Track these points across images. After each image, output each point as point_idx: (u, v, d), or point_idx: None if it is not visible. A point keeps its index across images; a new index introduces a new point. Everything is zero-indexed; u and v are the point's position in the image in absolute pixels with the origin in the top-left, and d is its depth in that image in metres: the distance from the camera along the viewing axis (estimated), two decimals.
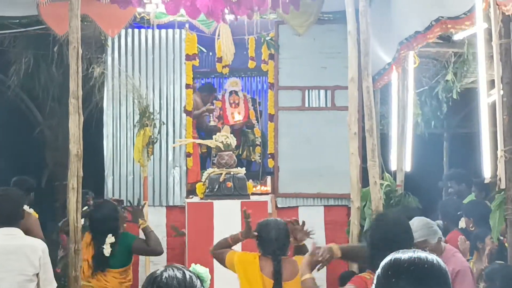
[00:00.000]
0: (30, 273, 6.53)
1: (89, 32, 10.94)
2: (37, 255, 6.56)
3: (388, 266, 2.70)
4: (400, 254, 2.72)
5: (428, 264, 2.66)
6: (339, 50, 10.99)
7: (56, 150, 14.29)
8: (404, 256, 2.69)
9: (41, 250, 6.60)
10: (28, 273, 6.53)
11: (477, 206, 9.10)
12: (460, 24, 7.51)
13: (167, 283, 3.18)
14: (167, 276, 3.21)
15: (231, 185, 9.42)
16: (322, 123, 11.87)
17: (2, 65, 13.67)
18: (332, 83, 11.87)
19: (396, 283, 2.62)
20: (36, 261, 6.55)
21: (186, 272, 3.26)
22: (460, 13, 7.41)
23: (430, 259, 2.68)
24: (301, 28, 11.66)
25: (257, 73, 13.09)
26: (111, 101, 12.01)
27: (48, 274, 6.65)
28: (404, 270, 2.65)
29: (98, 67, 11.82)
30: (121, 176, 11.97)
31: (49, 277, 6.66)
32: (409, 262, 2.66)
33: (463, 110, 13.05)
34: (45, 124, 14.95)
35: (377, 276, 2.73)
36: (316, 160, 11.73)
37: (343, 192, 10.73)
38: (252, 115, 12.93)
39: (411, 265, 2.65)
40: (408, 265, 2.65)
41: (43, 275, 6.59)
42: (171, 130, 12.05)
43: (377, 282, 2.71)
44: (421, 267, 2.64)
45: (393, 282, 2.63)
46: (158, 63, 12.13)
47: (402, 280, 2.62)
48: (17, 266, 6.50)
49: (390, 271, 2.67)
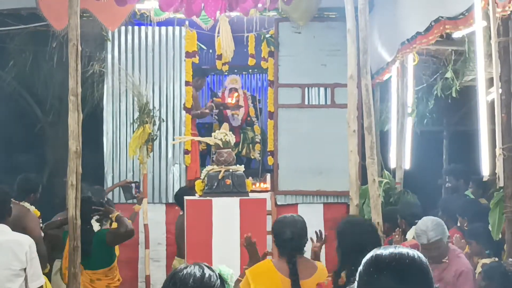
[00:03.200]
0: (16, 268, 6.55)
1: (88, 29, 10.93)
2: (23, 250, 6.58)
3: (370, 262, 2.71)
4: (381, 250, 2.73)
5: (409, 260, 2.67)
6: (339, 47, 11.00)
7: (56, 147, 14.28)
8: (385, 252, 2.70)
9: (28, 246, 6.62)
10: (14, 268, 6.54)
11: (471, 205, 9.12)
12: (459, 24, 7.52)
13: (183, 280, 3.21)
14: (185, 273, 3.25)
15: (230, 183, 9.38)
16: (322, 120, 11.89)
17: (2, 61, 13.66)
18: (331, 81, 11.88)
19: (377, 279, 2.63)
20: (22, 256, 6.56)
21: (206, 271, 3.28)
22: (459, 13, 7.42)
23: (411, 255, 2.68)
24: (302, 21, 11.66)
25: (257, 71, 13.13)
26: (110, 98, 12.04)
27: (35, 269, 6.66)
28: (385, 266, 2.65)
29: (97, 64, 11.86)
30: (120, 173, 11.99)
31: (36, 272, 6.68)
32: (390, 258, 2.67)
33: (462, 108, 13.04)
34: (46, 121, 14.94)
35: (359, 273, 2.73)
36: (315, 157, 11.74)
37: (342, 189, 10.76)
38: (252, 112, 12.94)
39: (392, 260, 2.66)
40: (389, 261, 2.66)
41: (30, 270, 6.61)
42: (171, 127, 12.08)
43: (359, 279, 2.72)
44: (402, 263, 2.65)
45: (375, 278, 2.64)
46: (158, 60, 12.15)
47: (383, 275, 2.63)
48: (3, 261, 6.52)
49: (371, 267, 2.68)
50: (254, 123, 12.96)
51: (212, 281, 3.26)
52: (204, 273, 3.27)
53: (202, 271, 3.27)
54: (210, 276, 3.27)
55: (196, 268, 3.28)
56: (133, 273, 11.69)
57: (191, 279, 3.22)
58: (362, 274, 2.71)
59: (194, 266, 3.31)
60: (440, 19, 7.88)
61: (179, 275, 3.26)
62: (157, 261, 11.87)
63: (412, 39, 8.82)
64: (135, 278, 11.70)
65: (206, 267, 3.33)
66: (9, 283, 6.52)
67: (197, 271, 3.26)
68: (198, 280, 3.22)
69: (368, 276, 2.67)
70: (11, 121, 14.76)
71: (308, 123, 11.95)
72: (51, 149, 14.75)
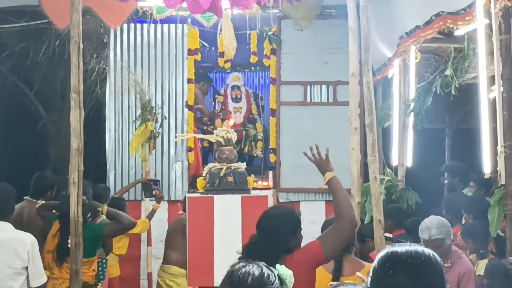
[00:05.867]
0: (18, 266, 6.56)
1: (91, 27, 10.96)
2: (25, 249, 6.58)
3: (386, 258, 2.72)
4: (397, 247, 2.74)
5: (425, 257, 2.68)
6: (341, 45, 10.98)
7: (58, 144, 14.32)
8: (401, 249, 2.72)
9: (30, 244, 6.63)
10: (16, 266, 6.55)
11: (476, 202, 9.13)
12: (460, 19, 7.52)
13: (241, 278, 3.20)
14: (243, 271, 3.23)
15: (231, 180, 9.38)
16: (324, 118, 11.90)
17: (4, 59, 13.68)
18: (334, 78, 11.89)
19: (393, 274, 2.65)
20: (24, 255, 6.57)
21: (265, 270, 3.26)
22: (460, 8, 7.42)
23: (426, 253, 2.71)
24: (304, 21, 11.68)
25: (259, 68, 13.12)
26: (113, 96, 12.05)
27: (37, 268, 6.68)
28: (401, 262, 2.67)
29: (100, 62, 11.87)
30: (123, 170, 12.00)
31: (38, 270, 6.69)
32: (406, 255, 2.69)
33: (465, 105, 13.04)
34: (48, 118, 14.98)
35: (373, 268, 2.75)
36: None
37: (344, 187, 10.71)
38: (254, 110, 12.96)
39: (408, 257, 2.68)
40: (405, 257, 2.68)
41: (32, 269, 6.62)
42: (173, 124, 12.08)
43: (374, 274, 2.73)
44: (418, 260, 2.67)
45: (390, 274, 2.66)
46: (160, 58, 12.15)
47: (399, 272, 2.65)
48: (5, 259, 6.53)
49: (387, 263, 2.70)
50: (256, 121, 12.96)
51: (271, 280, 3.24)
52: (262, 272, 3.25)
53: (260, 270, 3.25)
54: (269, 276, 3.26)
55: (255, 267, 3.26)
56: (135, 270, 11.71)
57: (249, 278, 3.20)
58: (376, 269, 2.72)
59: (252, 265, 3.29)
60: (441, 13, 7.88)
61: (237, 273, 3.24)
62: (159, 258, 11.82)
63: (411, 32, 8.84)
64: (137, 275, 11.72)
65: (265, 266, 3.31)
66: (11, 282, 6.53)
67: (255, 270, 3.24)
68: (256, 279, 3.20)
69: (383, 271, 2.69)
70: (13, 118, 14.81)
71: (310, 121, 11.96)
72: (53, 146, 14.78)
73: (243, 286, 3.19)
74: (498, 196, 6.98)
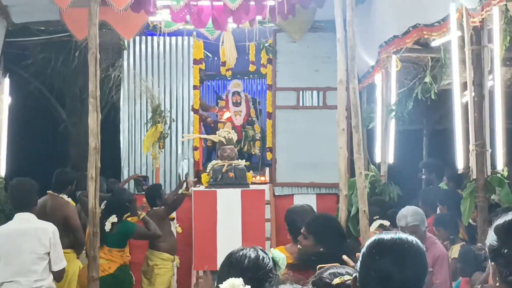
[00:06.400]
0: (41, 252, 6.58)
1: (107, 39, 10.94)
2: (47, 236, 6.60)
3: (373, 245, 2.70)
4: (383, 235, 2.73)
5: (409, 244, 2.67)
6: (330, 55, 10.92)
7: (78, 144, 14.27)
8: (387, 236, 2.70)
9: (51, 232, 6.65)
10: (39, 252, 6.58)
11: (450, 195, 9.18)
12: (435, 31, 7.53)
13: (239, 260, 3.22)
14: (241, 254, 3.25)
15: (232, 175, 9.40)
16: (315, 120, 11.87)
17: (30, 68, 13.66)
18: (323, 85, 11.87)
19: (379, 260, 2.63)
20: (46, 242, 6.59)
21: (260, 253, 3.27)
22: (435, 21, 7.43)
23: (410, 240, 2.69)
24: (297, 35, 11.66)
25: (257, 76, 13.10)
26: (126, 101, 12.04)
27: (58, 253, 6.69)
28: (387, 248, 2.65)
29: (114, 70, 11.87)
30: (135, 167, 11.99)
31: (59, 256, 6.70)
32: (391, 242, 2.67)
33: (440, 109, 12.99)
34: (69, 121, 14.95)
35: (362, 254, 2.73)
36: (309, 153, 11.74)
37: (333, 181, 10.72)
38: (253, 113, 12.94)
39: (393, 244, 2.66)
40: (390, 244, 2.66)
41: (54, 254, 6.64)
42: (180, 126, 12.07)
43: (362, 260, 2.71)
44: (402, 246, 2.65)
45: (376, 259, 2.64)
46: (169, 67, 12.15)
47: (385, 257, 2.63)
48: (30, 246, 6.56)
49: (374, 249, 2.68)
50: (254, 123, 12.94)
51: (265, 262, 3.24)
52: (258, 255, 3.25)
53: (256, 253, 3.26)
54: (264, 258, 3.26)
55: (251, 250, 3.27)
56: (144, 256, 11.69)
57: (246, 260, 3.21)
58: (365, 255, 2.70)
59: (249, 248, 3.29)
60: (418, 25, 7.89)
61: (235, 256, 3.25)
62: None
63: (390, 41, 8.84)
64: None
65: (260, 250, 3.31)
66: (35, 266, 6.55)
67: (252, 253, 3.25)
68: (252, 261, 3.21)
69: (371, 257, 2.67)
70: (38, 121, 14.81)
71: (302, 123, 11.94)
72: (73, 145, 14.75)
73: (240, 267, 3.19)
74: (470, 189, 6.98)
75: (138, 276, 11.02)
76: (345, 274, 3.23)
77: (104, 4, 8.43)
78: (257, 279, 3.16)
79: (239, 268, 3.19)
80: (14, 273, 6.53)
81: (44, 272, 6.60)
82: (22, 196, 6.73)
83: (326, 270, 3.34)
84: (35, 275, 6.55)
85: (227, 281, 3.08)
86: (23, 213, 6.67)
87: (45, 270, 6.60)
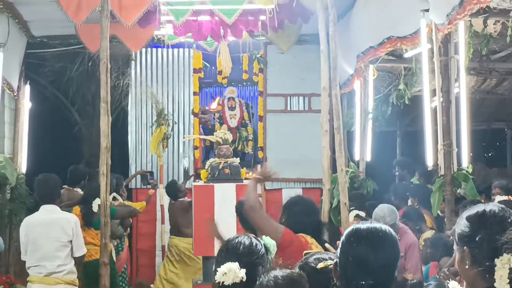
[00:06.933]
0: (64, 240, 6.59)
1: (117, 50, 10.95)
2: (70, 226, 6.61)
3: (351, 233, 2.71)
4: (360, 224, 2.74)
5: (382, 232, 2.67)
6: (314, 65, 10.85)
7: (90, 143, 14.27)
8: (363, 226, 2.71)
9: (74, 223, 6.67)
10: (63, 240, 6.59)
11: (420, 189, 9.19)
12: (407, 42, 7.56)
13: (235, 247, 3.21)
14: (236, 241, 3.24)
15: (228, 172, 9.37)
16: (301, 123, 11.88)
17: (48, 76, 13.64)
18: (309, 91, 11.87)
19: (357, 247, 2.64)
20: (69, 231, 6.60)
21: (253, 240, 3.27)
22: (407, 34, 7.45)
23: (383, 228, 2.70)
24: (285, 47, 11.66)
25: (250, 83, 13.06)
26: (134, 105, 12.04)
27: (79, 241, 6.70)
28: (363, 236, 2.66)
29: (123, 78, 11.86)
30: (142, 164, 11.99)
31: (80, 243, 6.72)
32: (367, 230, 2.68)
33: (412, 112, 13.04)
34: (82, 123, 14.94)
35: (341, 242, 2.74)
36: (296, 151, 11.74)
37: (317, 177, 10.74)
38: (246, 116, 12.92)
39: (369, 233, 2.67)
40: (366, 233, 2.67)
41: (76, 242, 6.65)
42: (182, 128, 12.08)
43: (342, 246, 2.72)
44: (377, 235, 2.66)
45: (354, 246, 2.65)
46: (172, 75, 12.16)
47: (361, 244, 2.64)
48: (54, 234, 6.56)
49: (352, 237, 2.69)
50: (247, 125, 12.92)
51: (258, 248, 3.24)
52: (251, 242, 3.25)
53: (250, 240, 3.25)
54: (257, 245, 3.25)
55: (245, 237, 3.27)
56: (152, 243, 11.70)
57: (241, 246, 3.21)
58: (344, 243, 2.71)
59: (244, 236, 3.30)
60: (391, 37, 7.92)
61: (231, 243, 3.25)
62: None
63: (366, 51, 8.85)
64: (153, 247, 11.70)
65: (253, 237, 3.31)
66: (59, 252, 6.57)
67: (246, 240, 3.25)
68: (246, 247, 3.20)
69: (349, 244, 2.68)
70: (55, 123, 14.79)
71: (290, 125, 11.95)
72: (86, 145, 14.75)
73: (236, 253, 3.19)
74: (438, 184, 7.01)
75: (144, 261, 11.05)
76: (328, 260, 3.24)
77: (114, 20, 8.45)
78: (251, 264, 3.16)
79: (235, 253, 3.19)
80: (40, 258, 6.55)
81: (67, 258, 6.62)
82: (48, 190, 6.74)
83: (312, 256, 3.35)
84: (58, 260, 6.57)
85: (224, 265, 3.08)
86: (48, 205, 6.68)
87: (67, 256, 6.62)
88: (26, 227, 6.65)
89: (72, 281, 6.67)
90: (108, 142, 7.52)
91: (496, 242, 2.50)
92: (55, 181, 6.90)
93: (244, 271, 3.06)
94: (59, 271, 6.57)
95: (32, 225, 6.64)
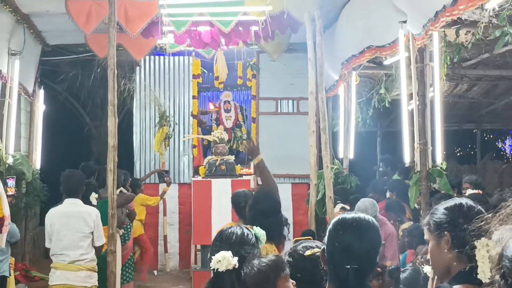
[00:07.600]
0: (86, 231, 6.57)
1: (123, 58, 10.94)
2: (91, 219, 6.59)
3: (337, 222, 2.70)
4: (345, 214, 2.73)
5: (366, 222, 2.67)
6: (302, 71, 10.89)
7: (99, 143, 14.23)
8: (348, 216, 2.70)
9: (95, 215, 6.65)
10: (85, 231, 6.57)
11: (398, 183, 9.19)
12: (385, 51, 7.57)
13: (228, 237, 3.20)
14: (229, 231, 3.24)
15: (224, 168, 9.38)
16: (290, 124, 11.89)
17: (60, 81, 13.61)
18: (297, 95, 11.89)
19: (343, 235, 2.63)
20: (91, 223, 6.58)
21: (245, 231, 3.27)
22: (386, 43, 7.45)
23: (367, 218, 2.69)
24: (276, 54, 11.66)
25: (244, 88, 13.06)
26: (138, 108, 12.03)
27: (100, 233, 6.68)
28: (348, 225, 2.65)
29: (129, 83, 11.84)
30: (145, 162, 11.99)
31: (100, 234, 6.69)
32: (352, 220, 2.67)
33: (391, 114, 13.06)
34: (92, 124, 14.90)
35: (328, 230, 2.73)
36: (285, 150, 11.74)
37: (305, 173, 10.74)
38: (240, 118, 12.91)
39: (353, 222, 2.66)
40: (351, 222, 2.66)
41: (96, 233, 6.64)
42: (182, 128, 12.06)
43: (329, 235, 2.71)
44: (361, 224, 2.65)
45: (340, 234, 2.64)
46: (172, 80, 12.15)
47: (347, 232, 2.63)
48: (77, 226, 6.54)
49: (338, 226, 2.68)
50: (241, 126, 12.91)
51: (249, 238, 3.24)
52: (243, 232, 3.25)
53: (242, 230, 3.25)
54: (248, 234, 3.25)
55: (238, 228, 3.27)
56: (155, 233, 11.68)
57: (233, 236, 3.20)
58: (331, 231, 2.70)
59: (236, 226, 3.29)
60: (371, 46, 7.92)
61: (225, 233, 3.24)
62: (172, 225, 11.86)
63: (349, 60, 8.86)
64: (156, 237, 11.68)
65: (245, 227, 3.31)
66: (81, 242, 6.56)
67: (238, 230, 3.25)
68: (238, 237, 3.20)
69: (335, 233, 2.67)
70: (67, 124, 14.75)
71: (280, 126, 11.95)
72: (96, 144, 14.71)
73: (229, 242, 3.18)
74: (415, 179, 7.00)
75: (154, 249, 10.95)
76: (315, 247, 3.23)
77: (120, 31, 8.43)
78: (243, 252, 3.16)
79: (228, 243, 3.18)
80: (63, 247, 6.53)
81: (88, 247, 6.60)
82: (72, 185, 6.69)
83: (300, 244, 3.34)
84: (80, 250, 6.55)
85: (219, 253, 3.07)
86: (72, 199, 6.65)
87: (89, 246, 6.60)
88: (51, 218, 6.62)
89: (92, 268, 6.65)
90: (115, 142, 7.49)
91: (472, 228, 2.52)
92: (79, 176, 6.87)
93: (237, 259, 3.05)
94: (82, 259, 6.56)
95: (57, 216, 6.61)
